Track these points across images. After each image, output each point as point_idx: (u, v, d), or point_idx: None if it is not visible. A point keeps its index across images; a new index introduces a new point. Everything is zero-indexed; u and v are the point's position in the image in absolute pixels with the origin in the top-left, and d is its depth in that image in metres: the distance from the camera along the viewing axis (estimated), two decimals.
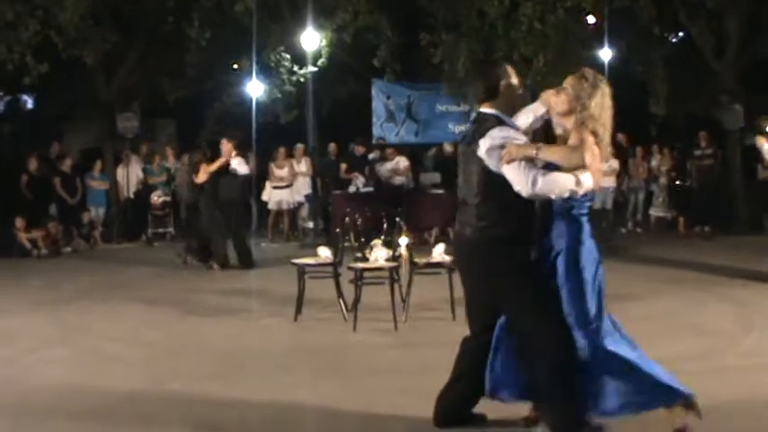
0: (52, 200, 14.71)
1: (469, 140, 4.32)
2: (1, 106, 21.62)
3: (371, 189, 14.28)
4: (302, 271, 7.59)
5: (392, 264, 7.31)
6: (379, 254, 7.30)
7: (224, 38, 15.61)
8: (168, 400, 5.20)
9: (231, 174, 11.25)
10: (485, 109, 4.35)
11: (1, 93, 20.61)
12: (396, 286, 7.33)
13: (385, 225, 8.16)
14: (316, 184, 15.46)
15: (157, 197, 15.36)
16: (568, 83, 4.26)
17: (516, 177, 4.07)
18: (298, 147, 15.36)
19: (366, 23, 15.52)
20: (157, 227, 15.39)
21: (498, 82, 4.32)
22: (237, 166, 11.35)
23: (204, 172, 11.17)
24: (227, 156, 11.22)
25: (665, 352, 4.31)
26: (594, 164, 4.10)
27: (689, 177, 15.08)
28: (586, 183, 4.07)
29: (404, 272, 7.59)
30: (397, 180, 14.68)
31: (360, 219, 8.05)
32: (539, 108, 4.43)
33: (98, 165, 15.56)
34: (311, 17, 15.37)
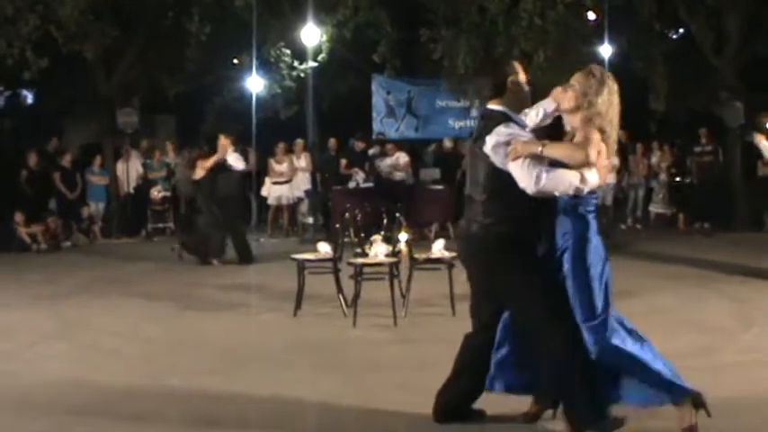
0: (52, 195, 14.71)
1: (476, 137, 4.31)
2: (1, 101, 21.61)
3: (371, 184, 14.26)
4: (302, 266, 7.58)
5: (392, 259, 7.31)
6: (378, 249, 7.30)
7: (224, 33, 15.58)
8: (167, 395, 5.20)
9: (228, 169, 11.23)
10: (492, 105, 4.35)
11: (1, 88, 20.60)
12: (395, 282, 7.32)
13: (385, 221, 8.15)
14: (315, 180, 15.44)
15: (157, 192, 15.37)
16: (575, 79, 4.23)
17: (521, 174, 4.06)
18: (297, 142, 15.34)
19: (366, 19, 15.53)
20: (157, 222, 15.41)
21: (506, 79, 4.31)
22: (234, 162, 11.32)
23: (201, 168, 11.12)
24: (223, 151, 11.17)
25: (665, 348, 4.29)
26: (601, 161, 4.08)
27: (689, 174, 15.09)
28: (591, 180, 4.06)
29: (404, 267, 7.60)
30: (397, 176, 14.67)
31: (359, 214, 8.07)
32: (549, 105, 4.43)
33: (98, 160, 15.56)
34: (311, 12, 15.42)
